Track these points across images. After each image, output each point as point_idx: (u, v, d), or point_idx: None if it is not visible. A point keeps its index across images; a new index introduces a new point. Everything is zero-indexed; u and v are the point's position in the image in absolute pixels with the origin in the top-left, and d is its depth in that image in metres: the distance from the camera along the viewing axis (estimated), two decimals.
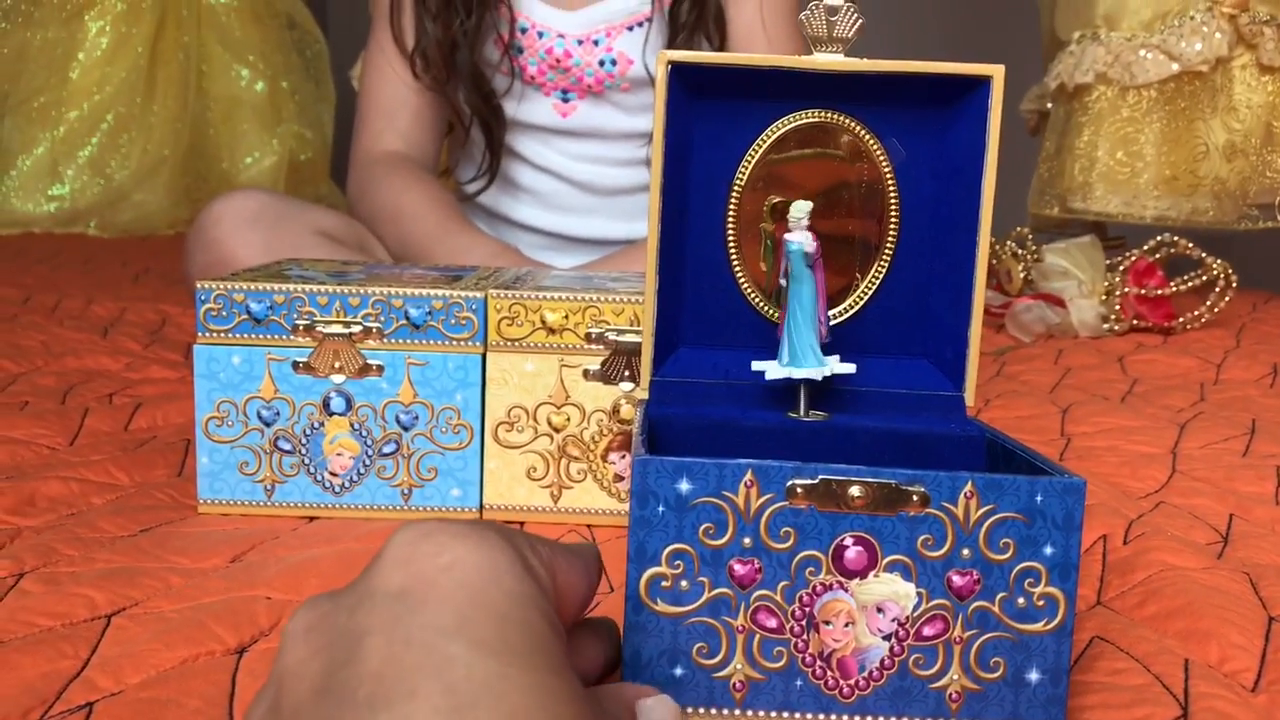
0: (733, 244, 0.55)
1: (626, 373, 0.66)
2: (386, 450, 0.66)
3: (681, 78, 0.51)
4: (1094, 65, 1.55)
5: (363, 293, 0.65)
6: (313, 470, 0.66)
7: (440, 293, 0.65)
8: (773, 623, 0.42)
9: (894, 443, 0.53)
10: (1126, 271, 1.36)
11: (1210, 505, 0.71)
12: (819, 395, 0.54)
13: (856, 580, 0.41)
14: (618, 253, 1.16)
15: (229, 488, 0.66)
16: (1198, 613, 0.53)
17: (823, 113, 0.53)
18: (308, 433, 0.66)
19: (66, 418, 0.83)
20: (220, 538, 0.62)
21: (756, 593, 0.41)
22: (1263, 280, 1.69)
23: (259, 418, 0.66)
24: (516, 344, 0.66)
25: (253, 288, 0.65)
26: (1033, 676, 0.42)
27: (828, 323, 0.52)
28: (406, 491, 0.67)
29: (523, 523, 0.67)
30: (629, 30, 1.18)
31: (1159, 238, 1.38)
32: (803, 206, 0.51)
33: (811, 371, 0.51)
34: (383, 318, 0.65)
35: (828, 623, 0.41)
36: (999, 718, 0.42)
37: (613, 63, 1.18)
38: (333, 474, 0.66)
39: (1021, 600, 0.41)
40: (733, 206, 0.54)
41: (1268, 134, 1.52)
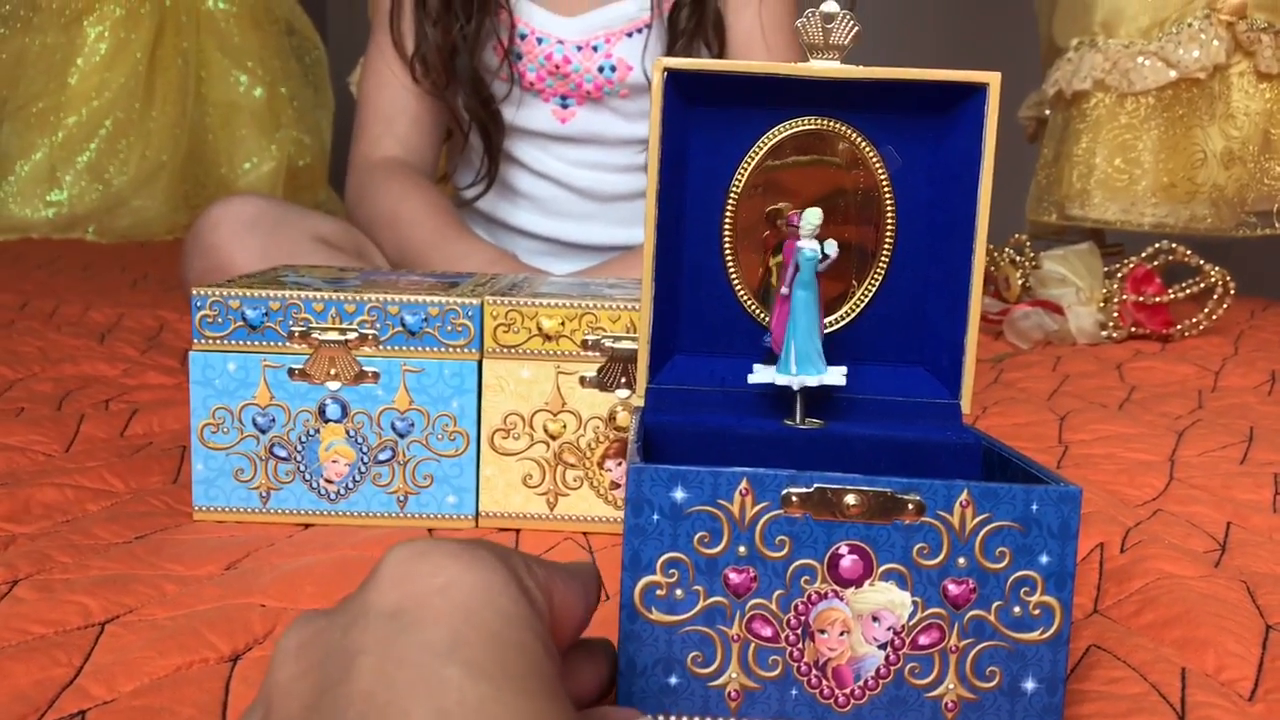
0: (729, 251, 0.55)
1: (623, 379, 0.66)
2: (382, 457, 0.66)
3: (678, 85, 0.51)
4: (1092, 72, 1.56)
5: (358, 299, 0.65)
6: (308, 477, 0.66)
7: (436, 299, 0.65)
8: (768, 631, 0.41)
9: (890, 450, 0.52)
10: (1125, 278, 1.36)
11: (1208, 513, 0.71)
12: (815, 403, 0.54)
13: (852, 589, 0.41)
14: (615, 259, 1.17)
15: (224, 495, 0.66)
16: (1195, 621, 0.53)
17: (819, 120, 0.53)
18: (303, 440, 0.66)
19: (62, 424, 0.83)
20: (215, 545, 0.62)
21: (751, 601, 0.41)
22: (1261, 287, 1.69)
23: (254, 424, 0.66)
24: (513, 351, 0.66)
25: (248, 294, 0.65)
26: (1029, 686, 0.41)
27: (822, 330, 0.52)
28: (402, 499, 0.66)
29: (519, 530, 0.67)
30: (628, 36, 1.18)
31: (1157, 245, 1.38)
32: (815, 214, 0.51)
33: (816, 379, 0.51)
34: (378, 324, 0.65)
35: (823, 631, 0.41)
36: None
37: (612, 69, 1.18)
38: (328, 481, 0.66)
39: (1017, 609, 0.41)
40: (729, 214, 0.54)
41: (1266, 141, 1.52)
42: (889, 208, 0.54)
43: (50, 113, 2.30)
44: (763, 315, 0.55)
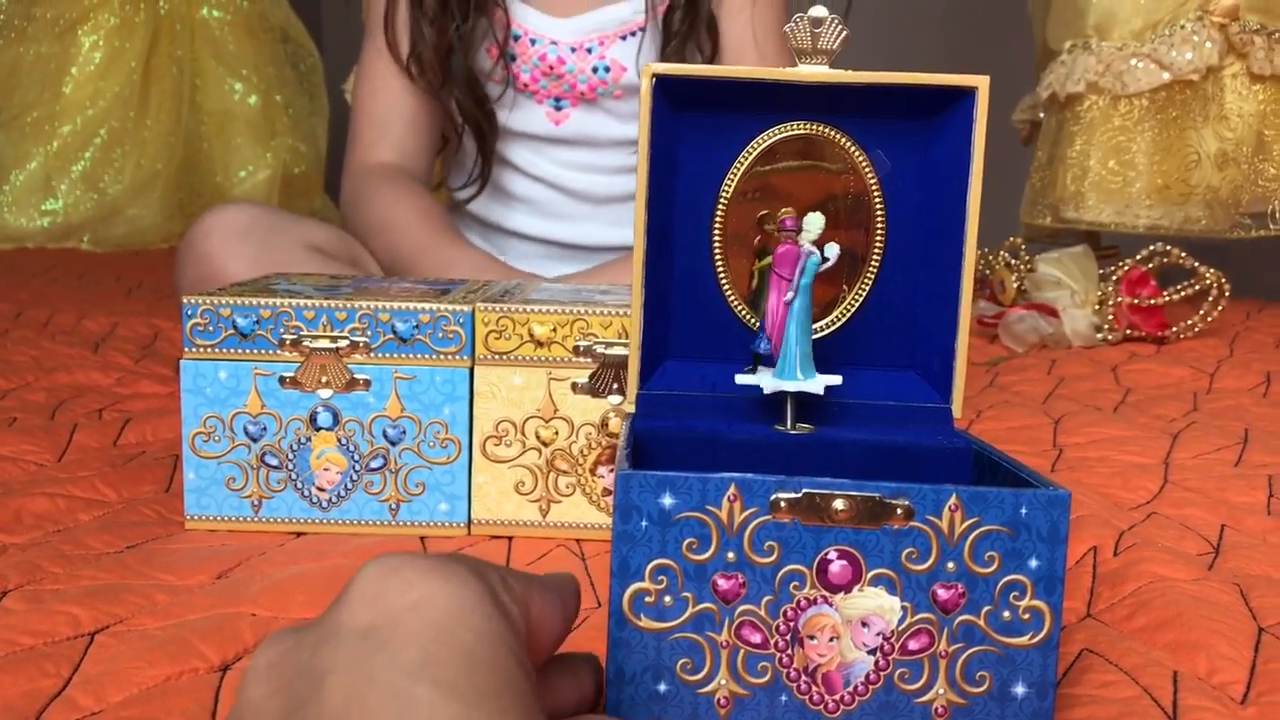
0: (719, 256, 0.55)
1: (615, 385, 0.66)
2: (374, 465, 0.66)
3: (666, 90, 0.51)
4: (1085, 75, 1.56)
5: (349, 307, 0.65)
6: (300, 485, 0.66)
7: (427, 306, 0.65)
8: (757, 638, 0.41)
9: (881, 455, 0.52)
10: (1119, 281, 1.36)
11: (1202, 516, 0.71)
12: (806, 408, 0.53)
13: (841, 594, 0.41)
14: (606, 264, 1.16)
15: (216, 503, 0.66)
16: (1187, 624, 0.53)
17: (808, 125, 0.53)
18: (295, 448, 0.66)
19: (55, 434, 0.83)
20: (206, 554, 0.62)
21: (740, 607, 0.41)
22: (1256, 289, 1.69)
23: (246, 433, 0.65)
24: (504, 357, 0.65)
25: (239, 302, 0.65)
26: (1019, 690, 0.41)
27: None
28: (394, 506, 0.66)
29: (511, 537, 0.67)
30: (622, 39, 1.18)
31: (1152, 247, 1.38)
32: (818, 219, 0.51)
33: (812, 384, 0.51)
34: (369, 332, 0.65)
35: (812, 637, 0.41)
36: None
37: (606, 70, 1.18)
38: (320, 489, 0.66)
39: (1007, 614, 0.41)
40: (719, 219, 0.54)
41: (1259, 142, 1.53)
42: (879, 212, 0.54)
43: (45, 122, 2.30)
44: (753, 320, 0.55)
